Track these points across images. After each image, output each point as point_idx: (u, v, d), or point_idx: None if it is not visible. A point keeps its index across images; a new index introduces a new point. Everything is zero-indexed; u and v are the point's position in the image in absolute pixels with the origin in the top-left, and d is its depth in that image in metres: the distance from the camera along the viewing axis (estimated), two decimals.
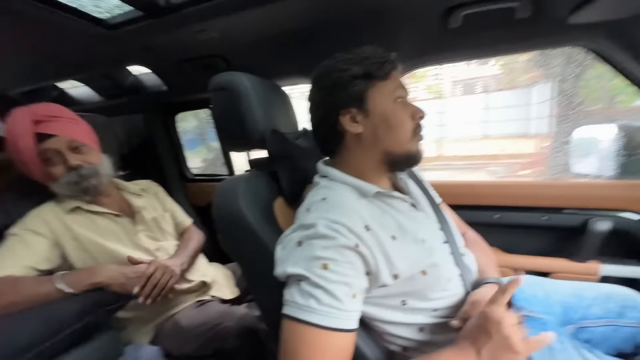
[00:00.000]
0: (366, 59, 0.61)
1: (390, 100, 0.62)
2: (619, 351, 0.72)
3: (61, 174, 0.92)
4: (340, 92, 0.61)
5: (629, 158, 1.02)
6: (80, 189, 0.93)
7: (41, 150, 0.89)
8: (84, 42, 1.05)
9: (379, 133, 0.62)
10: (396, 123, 0.62)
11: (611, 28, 0.83)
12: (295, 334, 0.49)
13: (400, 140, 0.62)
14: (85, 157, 0.95)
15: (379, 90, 0.61)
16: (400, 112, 0.62)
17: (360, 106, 0.61)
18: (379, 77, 0.61)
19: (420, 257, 0.58)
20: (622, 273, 1.00)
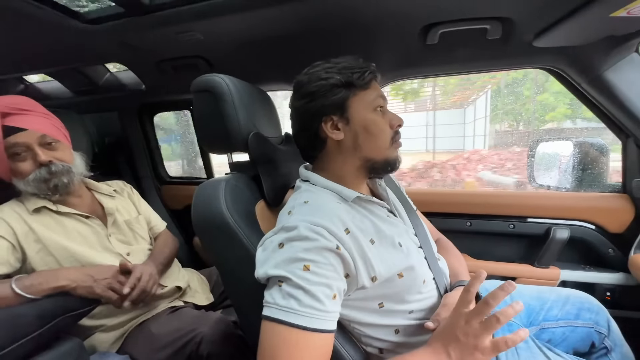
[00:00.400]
0: (347, 69, 0.63)
1: (370, 108, 0.64)
2: (576, 350, 0.78)
3: (29, 170, 0.86)
4: (322, 100, 0.63)
5: (584, 172, 1.12)
6: (49, 187, 0.88)
7: (9, 144, 0.84)
8: (57, 35, 1.01)
9: (359, 140, 0.64)
10: (376, 131, 0.64)
11: (570, 53, 0.91)
12: (275, 335, 0.49)
13: (380, 147, 0.65)
14: (57, 154, 0.90)
15: (360, 98, 0.64)
16: (380, 120, 0.65)
17: (342, 114, 0.63)
18: (360, 86, 0.63)
19: (396, 261, 0.60)
20: (579, 278, 1.09)
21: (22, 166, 0.86)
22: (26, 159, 0.87)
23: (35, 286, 0.75)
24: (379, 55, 1.04)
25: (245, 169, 0.79)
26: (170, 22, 0.94)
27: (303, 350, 0.48)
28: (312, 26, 0.95)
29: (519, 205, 1.16)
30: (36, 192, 0.89)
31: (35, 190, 0.89)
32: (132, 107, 1.56)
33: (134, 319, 0.93)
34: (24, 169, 0.86)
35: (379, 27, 0.93)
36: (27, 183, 0.87)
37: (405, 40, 0.96)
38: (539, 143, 1.18)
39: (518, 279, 1.12)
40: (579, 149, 1.11)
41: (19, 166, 0.86)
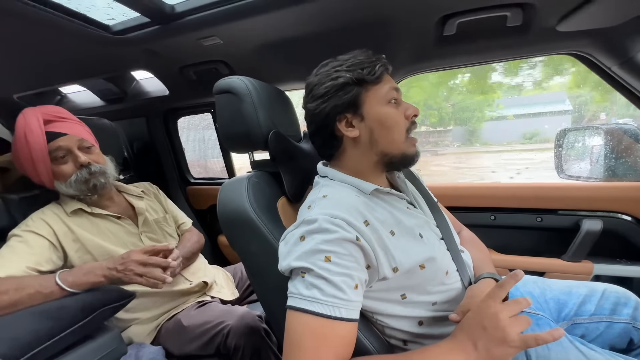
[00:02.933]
0: (356, 65, 0.62)
1: (383, 102, 0.63)
2: (613, 347, 0.74)
3: (70, 172, 0.94)
4: (335, 100, 0.63)
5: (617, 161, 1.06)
6: (89, 187, 0.95)
7: (52, 148, 0.92)
8: (89, 47, 1.08)
9: (375, 135, 0.64)
10: (391, 124, 0.63)
11: (598, 36, 0.87)
12: (300, 324, 0.50)
13: (396, 140, 0.64)
14: (93, 157, 0.98)
15: (373, 93, 0.63)
16: (395, 113, 0.64)
17: (355, 111, 0.63)
18: (371, 81, 0.62)
19: (418, 252, 0.60)
20: (615, 272, 1.03)
21: (64, 168, 0.94)
22: (67, 162, 0.94)
23: (77, 281, 0.81)
24: (397, 49, 1.04)
25: (266, 166, 0.82)
26: (192, 28, 0.98)
27: (327, 338, 0.49)
28: (329, 25, 0.96)
29: (547, 198, 1.12)
30: (76, 194, 0.96)
31: (76, 192, 0.96)
32: (157, 113, 1.63)
33: (166, 313, 0.98)
34: (66, 170, 0.94)
35: (395, 21, 0.93)
36: (68, 185, 0.94)
37: (422, 32, 0.95)
38: (566, 132, 1.13)
39: (547, 274, 1.08)
40: (611, 137, 1.06)
41: (62, 168, 0.94)
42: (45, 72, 1.30)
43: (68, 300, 0.78)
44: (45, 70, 1.28)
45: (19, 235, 0.86)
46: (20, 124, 0.90)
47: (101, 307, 0.81)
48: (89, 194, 0.97)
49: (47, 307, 0.76)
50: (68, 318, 0.75)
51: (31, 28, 0.93)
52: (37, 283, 0.79)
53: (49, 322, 0.73)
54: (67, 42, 1.04)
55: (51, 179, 0.94)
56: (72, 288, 0.80)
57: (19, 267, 0.80)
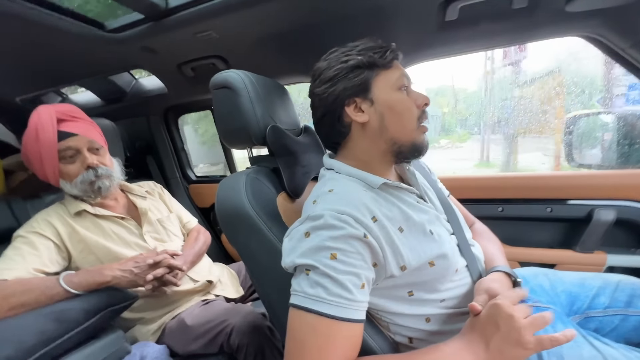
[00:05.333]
0: (367, 49, 0.61)
1: (394, 88, 0.62)
2: (629, 341, 0.71)
3: (77, 172, 0.94)
4: (344, 83, 0.61)
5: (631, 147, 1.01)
6: (93, 189, 0.96)
7: (62, 147, 0.92)
8: (85, 46, 1.07)
9: (385, 121, 0.61)
10: (402, 110, 0.61)
11: (609, 15, 0.82)
12: (304, 323, 0.49)
13: (406, 127, 0.62)
14: (101, 159, 0.99)
15: (383, 78, 0.61)
16: (405, 99, 0.62)
17: (365, 95, 0.61)
18: (382, 65, 0.61)
19: (427, 249, 0.57)
20: (629, 263, 0.99)
21: (71, 168, 0.94)
22: (75, 162, 0.95)
23: (83, 283, 0.81)
24: (397, 38, 1.00)
25: (265, 162, 0.80)
26: (187, 23, 0.96)
27: (332, 339, 0.48)
28: (327, 15, 0.94)
29: (557, 187, 1.08)
30: (80, 194, 0.97)
31: (80, 193, 0.96)
32: (158, 111, 1.63)
33: (170, 312, 0.98)
34: (73, 170, 0.94)
35: (395, 8, 0.89)
36: (74, 185, 0.95)
37: (423, 18, 0.92)
38: (577, 119, 1.09)
39: (558, 265, 1.05)
40: (624, 122, 1.01)
41: (69, 168, 0.94)
42: (45, 74, 1.30)
43: (73, 302, 0.79)
44: (45, 72, 1.28)
45: (23, 237, 0.86)
46: (34, 120, 0.91)
47: (105, 309, 0.81)
48: (92, 196, 0.98)
49: (52, 309, 0.76)
50: (73, 320, 0.76)
51: (29, 29, 0.93)
52: (42, 285, 0.79)
53: (54, 324, 0.73)
54: (64, 42, 1.04)
55: (57, 177, 0.95)
56: (77, 289, 0.80)
57: (25, 269, 0.81)
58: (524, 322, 0.47)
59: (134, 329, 0.98)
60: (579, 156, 1.09)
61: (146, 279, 0.87)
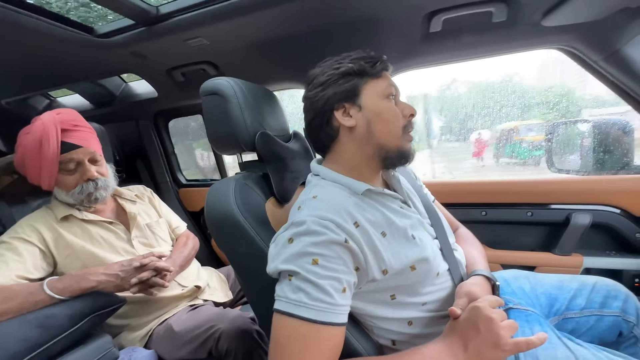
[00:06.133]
0: (360, 59, 0.64)
1: (382, 96, 0.64)
2: (603, 340, 0.74)
3: (76, 183, 0.94)
4: (334, 87, 0.64)
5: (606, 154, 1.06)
6: (90, 199, 0.95)
7: (65, 159, 0.91)
8: (74, 50, 1.07)
9: (372, 127, 0.63)
10: (389, 117, 0.64)
11: (583, 30, 0.87)
12: (286, 328, 0.50)
13: (392, 134, 0.64)
14: (100, 169, 0.98)
15: (372, 86, 0.64)
16: (392, 107, 0.65)
17: (354, 101, 0.64)
18: (372, 74, 0.64)
19: (409, 253, 0.59)
20: (604, 265, 1.04)
21: (70, 179, 0.93)
22: (74, 173, 0.94)
23: (67, 288, 0.80)
24: (384, 47, 1.03)
25: (255, 167, 0.81)
26: (177, 29, 0.97)
27: (312, 343, 0.49)
28: (316, 24, 0.96)
29: (537, 192, 1.12)
30: (74, 203, 0.96)
31: (75, 202, 0.96)
32: (147, 115, 1.62)
33: (157, 318, 0.98)
34: (71, 181, 0.93)
35: (381, 18, 0.92)
36: (70, 194, 0.94)
37: (408, 29, 0.95)
38: (557, 126, 1.13)
39: (538, 268, 1.08)
40: (599, 130, 1.06)
41: (68, 179, 0.93)
42: (32, 77, 1.29)
43: (57, 308, 0.78)
44: (33, 75, 1.27)
45: (7, 243, 0.85)
46: (38, 130, 0.89)
47: (91, 314, 0.80)
48: (86, 205, 0.97)
49: (36, 315, 0.75)
50: (57, 326, 0.75)
51: (16, 33, 0.92)
52: (25, 291, 0.78)
53: (37, 331, 0.72)
54: (51, 47, 1.03)
55: (51, 185, 0.94)
56: (62, 295, 0.80)
57: (8, 276, 0.79)
58: (502, 324, 0.49)
59: (120, 335, 0.97)
60: (559, 162, 1.13)
61: (130, 283, 0.86)
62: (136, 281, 0.87)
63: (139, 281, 0.88)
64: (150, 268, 0.91)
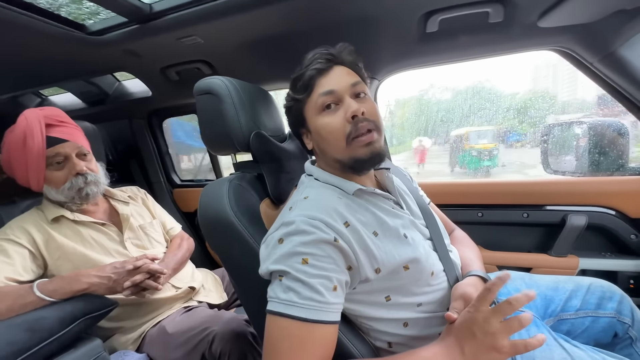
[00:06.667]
0: (294, 80, 0.66)
1: (317, 112, 0.63)
2: (598, 341, 0.75)
3: (65, 178, 0.92)
4: (291, 118, 0.70)
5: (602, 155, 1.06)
6: (81, 195, 0.94)
7: (51, 154, 0.90)
8: (65, 48, 1.05)
9: (320, 146, 0.65)
10: (325, 134, 0.62)
11: (578, 31, 0.87)
12: (277, 328, 0.50)
13: (337, 148, 0.61)
14: (89, 165, 0.97)
15: (309, 106, 0.64)
16: (327, 121, 0.61)
17: (305, 126, 0.67)
18: (302, 96, 0.64)
19: (401, 252, 0.59)
20: (600, 266, 1.04)
21: (58, 175, 0.91)
22: (62, 168, 0.92)
23: (58, 290, 0.79)
24: (380, 47, 1.03)
25: (249, 168, 0.80)
26: (171, 28, 0.96)
27: (304, 341, 0.49)
28: (311, 23, 0.95)
29: (533, 194, 1.12)
30: (65, 201, 0.94)
31: (66, 199, 0.94)
32: (141, 114, 1.60)
33: (150, 320, 0.96)
34: (60, 177, 0.92)
35: (377, 18, 0.92)
36: (60, 191, 0.92)
37: (404, 29, 0.94)
38: (552, 127, 1.14)
39: (534, 269, 1.09)
40: (595, 131, 1.06)
41: (56, 175, 0.91)
42: (22, 75, 1.26)
43: (47, 311, 0.76)
44: (23, 73, 1.24)
45: None
46: (21, 126, 0.88)
47: (82, 317, 0.78)
48: (78, 202, 0.95)
49: (25, 319, 0.74)
50: (46, 329, 0.73)
51: (5, 29, 0.90)
52: (15, 293, 0.77)
53: (25, 334, 0.71)
54: (43, 44, 1.01)
55: (40, 184, 0.92)
56: (52, 297, 0.78)
57: None
58: (499, 327, 0.48)
59: (112, 338, 0.95)
60: (554, 163, 1.14)
61: (123, 286, 0.85)
62: (129, 284, 0.86)
63: (132, 284, 0.86)
64: (144, 271, 0.90)
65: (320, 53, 0.64)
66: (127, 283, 0.85)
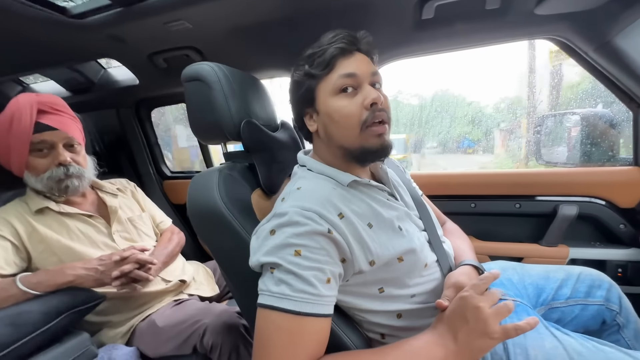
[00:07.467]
0: (310, 56, 0.61)
1: (334, 93, 0.59)
2: (587, 329, 0.76)
3: (46, 167, 0.89)
4: (294, 97, 0.65)
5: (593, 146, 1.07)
6: (60, 187, 0.90)
7: (36, 140, 0.87)
8: (45, 31, 1.00)
9: (328, 130, 0.62)
10: (339, 118, 0.59)
11: (575, 19, 0.86)
12: (269, 321, 0.48)
13: (349, 134, 0.59)
14: (76, 157, 0.93)
15: (324, 85, 0.60)
16: (344, 104, 0.58)
17: (313, 106, 0.63)
18: (320, 73, 0.60)
19: (396, 244, 0.58)
20: (589, 255, 1.06)
21: (40, 162, 0.88)
22: (46, 156, 0.89)
23: (43, 283, 0.77)
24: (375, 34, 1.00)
25: (240, 158, 0.78)
26: (158, 11, 0.91)
27: (296, 335, 0.47)
28: (304, 8, 0.92)
29: (525, 184, 1.13)
30: (43, 190, 0.91)
31: (44, 189, 0.90)
32: (128, 104, 1.55)
33: (139, 314, 0.95)
34: (42, 165, 0.88)
35: (372, 4, 0.89)
36: (39, 180, 0.89)
37: (400, 16, 0.92)
38: (545, 118, 1.14)
39: (525, 259, 1.10)
40: (587, 122, 1.07)
41: (38, 162, 0.88)
42: (2, 61, 1.20)
43: (30, 305, 0.74)
44: (3, 59, 1.18)
45: None
46: (11, 108, 0.85)
47: (67, 311, 0.77)
48: (56, 194, 0.92)
49: (7, 313, 0.72)
50: (30, 323, 0.71)
51: None
52: None
53: (8, 329, 0.69)
54: (21, 27, 0.96)
55: (22, 169, 0.89)
56: (36, 290, 0.76)
57: None
58: (490, 312, 0.48)
59: (100, 332, 0.93)
60: (547, 154, 1.14)
61: (112, 276, 0.83)
62: (118, 274, 0.84)
63: (121, 274, 0.84)
64: (132, 261, 0.88)
65: (344, 34, 0.60)
66: (116, 273, 0.84)
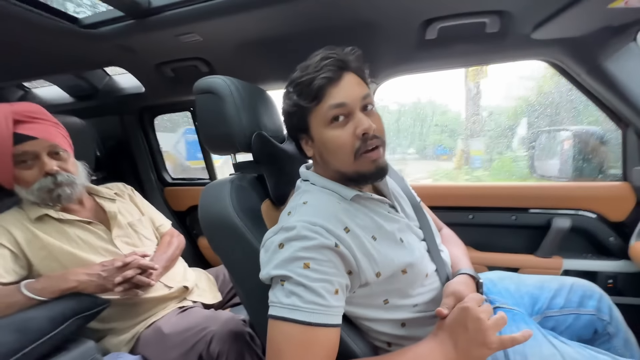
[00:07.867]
0: (299, 85, 0.60)
1: (324, 123, 0.60)
2: (580, 338, 0.79)
3: (34, 179, 0.87)
4: (289, 124, 0.67)
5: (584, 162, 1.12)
6: (52, 197, 0.88)
7: (18, 152, 0.84)
8: (55, 40, 1.01)
9: (323, 156, 0.63)
10: (333, 148, 0.60)
11: (568, 44, 0.92)
12: (281, 332, 0.50)
13: (344, 162, 0.60)
14: (63, 164, 0.91)
15: (315, 115, 0.61)
16: (336, 135, 0.59)
17: (307, 133, 0.64)
18: (309, 105, 0.60)
19: (399, 257, 0.61)
20: (581, 266, 1.10)
21: (27, 174, 0.86)
22: (32, 167, 0.87)
23: (46, 289, 0.77)
24: (380, 51, 1.04)
25: (249, 169, 0.80)
26: (170, 24, 0.94)
27: (307, 345, 0.49)
28: (312, 25, 0.95)
29: (521, 197, 1.17)
30: (37, 202, 0.90)
31: (37, 200, 0.89)
32: (132, 111, 1.56)
33: (144, 320, 0.94)
34: (29, 177, 0.86)
35: (378, 23, 0.93)
36: (30, 192, 0.88)
37: (404, 35, 0.97)
38: (539, 134, 1.19)
39: (521, 269, 1.13)
40: (579, 139, 1.12)
41: (25, 174, 0.86)
42: (8, 67, 1.21)
43: (36, 311, 0.74)
44: (8, 65, 1.19)
45: None
46: None
47: (73, 316, 0.77)
48: (50, 204, 0.90)
49: (12, 320, 0.71)
50: (36, 330, 0.71)
51: None
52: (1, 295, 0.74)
53: (14, 335, 0.68)
54: (31, 36, 0.97)
55: (10, 182, 0.87)
56: (41, 296, 0.76)
57: None
58: (489, 324, 0.52)
59: (104, 340, 0.93)
60: (541, 168, 1.19)
61: (114, 282, 0.83)
62: (120, 279, 0.84)
63: (123, 279, 0.84)
64: (134, 266, 0.88)
65: (330, 59, 0.59)
66: (119, 278, 0.84)
